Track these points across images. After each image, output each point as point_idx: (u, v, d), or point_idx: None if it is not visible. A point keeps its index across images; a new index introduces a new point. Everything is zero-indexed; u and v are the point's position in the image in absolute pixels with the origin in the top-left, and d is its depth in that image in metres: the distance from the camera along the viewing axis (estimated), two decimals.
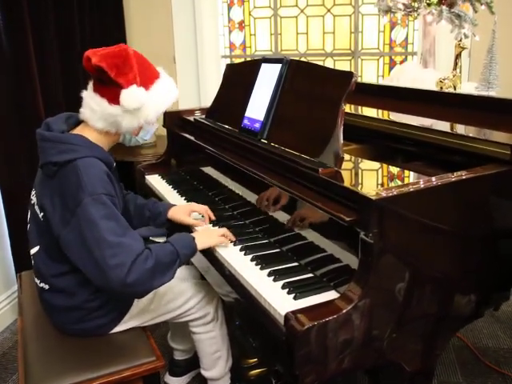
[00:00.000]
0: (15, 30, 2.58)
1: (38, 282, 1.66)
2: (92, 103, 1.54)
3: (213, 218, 1.86)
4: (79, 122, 1.62)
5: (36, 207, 1.61)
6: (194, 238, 1.60)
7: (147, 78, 1.54)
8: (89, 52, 1.51)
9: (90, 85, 1.57)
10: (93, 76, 1.55)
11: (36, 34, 2.73)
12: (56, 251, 1.55)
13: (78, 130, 1.59)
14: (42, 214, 1.56)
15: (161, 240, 1.54)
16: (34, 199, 1.65)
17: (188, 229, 1.85)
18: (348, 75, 1.52)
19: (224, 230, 1.68)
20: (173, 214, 1.89)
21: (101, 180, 1.48)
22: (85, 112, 1.56)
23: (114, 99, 1.49)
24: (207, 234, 1.67)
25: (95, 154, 1.52)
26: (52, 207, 1.50)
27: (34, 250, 1.65)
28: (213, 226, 1.82)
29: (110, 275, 1.39)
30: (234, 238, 1.67)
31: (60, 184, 1.49)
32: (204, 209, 1.88)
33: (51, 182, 1.52)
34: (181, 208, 1.91)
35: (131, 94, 1.48)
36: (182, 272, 1.96)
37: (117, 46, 1.53)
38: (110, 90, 1.49)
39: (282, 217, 1.61)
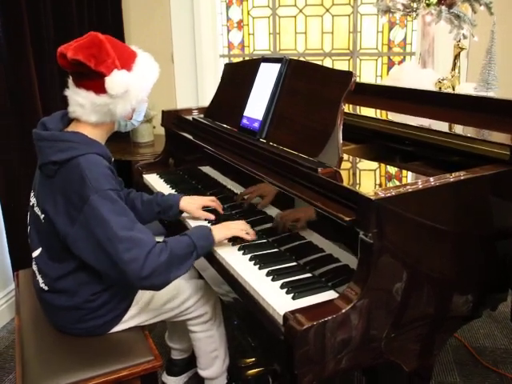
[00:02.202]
0: (12, 23, 2.58)
1: (39, 282, 1.64)
2: (79, 99, 1.51)
3: (220, 210, 1.91)
4: (72, 120, 1.59)
5: (36, 209, 1.59)
6: (210, 230, 1.59)
7: (126, 59, 1.51)
8: (61, 48, 1.48)
9: (71, 81, 1.54)
10: (71, 72, 1.53)
11: (34, 34, 2.72)
12: (58, 252, 1.55)
13: (72, 128, 1.57)
14: (43, 215, 1.55)
15: (159, 239, 1.53)
16: (33, 201, 1.63)
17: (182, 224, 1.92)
18: (348, 75, 1.52)
19: (243, 224, 1.67)
20: (185, 205, 1.90)
21: (105, 175, 1.47)
22: (75, 110, 1.53)
23: (99, 89, 1.47)
24: (226, 226, 1.66)
25: (95, 150, 1.50)
26: (54, 207, 1.48)
27: (36, 253, 1.64)
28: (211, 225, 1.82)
29: (125, 270, 1.39)
30: (252, 232, 1.67)
31: (62, 183, 1.47)
32: (213, 201, 1.92)
33: (52, 181, 1.50)
34: (192, 201, 1.92)
35: (115, 80, 1.45)
36: None
37: (86, 35, 1.50)
38: (94, 81, 1.47)
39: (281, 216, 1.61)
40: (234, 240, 1.66)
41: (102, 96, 1.48)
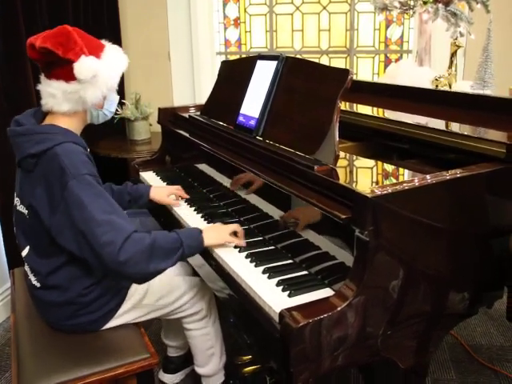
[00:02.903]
0: (8, 24, 2.58)
1: (31, 279, 1.64)
2: (50, 90, 1.54)
3: (185, 196, 2.04)
4: (45, 116, 1.62)
5: (20, 207, 1.60)
6: (201, 232, 1.59)
7: (94, 48, 1.54)
8: (30, 39, 1.51)
9: (42, 76, 1.57)
10: (41, 64, 1.55)
11: (30, 34, 2.70)
12: (46, 248, 1.55)
13: (46, 122, 1.59)
14: (27, 211, 1.56)
15: None
16: (16, 201, 1.64)
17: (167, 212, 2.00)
18: (344, 72, 1.51)
19: (236, 228, 1.65)
20: (153, 194, 1.99)
21: (82, 161, 1.49)
22: (47, 101, 1.56)
23: (69, 76, 1.50)
24: (217, 230, 1.64)
25: (71, 139, 1.52)
26: (37, 200, 1.50)
27: (24, 252, 1.64)
28: (207, 222, 1.82)
29: (102, 253, 1.39)
30: (243, 239, 1.64)
31: (42, 174, 1.49)
32: (177, 189, 2.04)
33: (32, 175, 1.52)
34: (161, 189, 2.05)
35: (83, 64, 1.48)
36: (174, 267, 1.94)
37: (56, 27, 1.53)
38: (63, 69, 1.49)
39: (277, 214, 1.61)
40: None
41: (71, 83, 1.51)
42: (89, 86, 1.52)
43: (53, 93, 1.53)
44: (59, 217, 1.45)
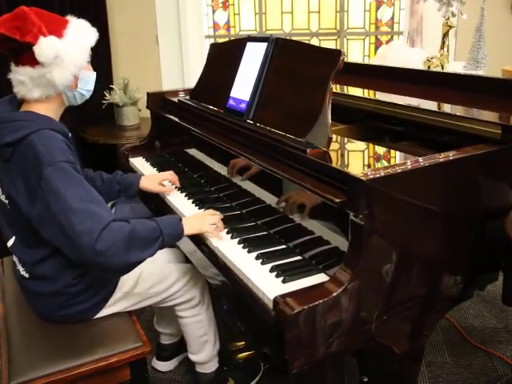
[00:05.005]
0: None
1: (20, 270, 1.61)
2: (19, 77, 1.48)
3: (177, 183, 1.98)
4: (22, 103, 1.56)
5: (2, 196, 1.56)
6: (180, 220, 1.56)
7: (55, 26, 1.47)
8: None
9: (12, 64, 1.51)
10: (5, 52, 1.49)
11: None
12: (32, 237, 1.51)
13: (23, 109, 1.54)
14: (7, 201, 1.52)
15: None
16: None
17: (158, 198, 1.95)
18: (336, 53, 1.48)
19: (216, 219, 1.61)
20: (143, 184, 1.94)
21: (58, 148, 1.44)
22: (18, 90, 1.51)
23: (33, 61, 1.44)
24: (197, 220, 1.61)
25: (48, 126, 1.47)
26: (16, 190, 1.46)
27: (10, 242, 1.60)
28: (198, 208, 1.80)
29: (78, 243, 1.34)
30: (222, 228, 1.60)
31: (19, 163, 1.45)
32: (171, 175, 1.98)
33: (9, 164, 1.47)
34: (151, 178, 1.99)
35: (43, 46, 1.42)
36: (166, 255, 1.93)
37: (13, 10, 1.46)
38: (26, 54, 1.44)
39: (270, 199, 1.58)
40: None
41: (37, 68, 1.45)
42: (54, 67, 1.46)
43: (21, 80, 1.48)
44: (38, 207, 1.41)
